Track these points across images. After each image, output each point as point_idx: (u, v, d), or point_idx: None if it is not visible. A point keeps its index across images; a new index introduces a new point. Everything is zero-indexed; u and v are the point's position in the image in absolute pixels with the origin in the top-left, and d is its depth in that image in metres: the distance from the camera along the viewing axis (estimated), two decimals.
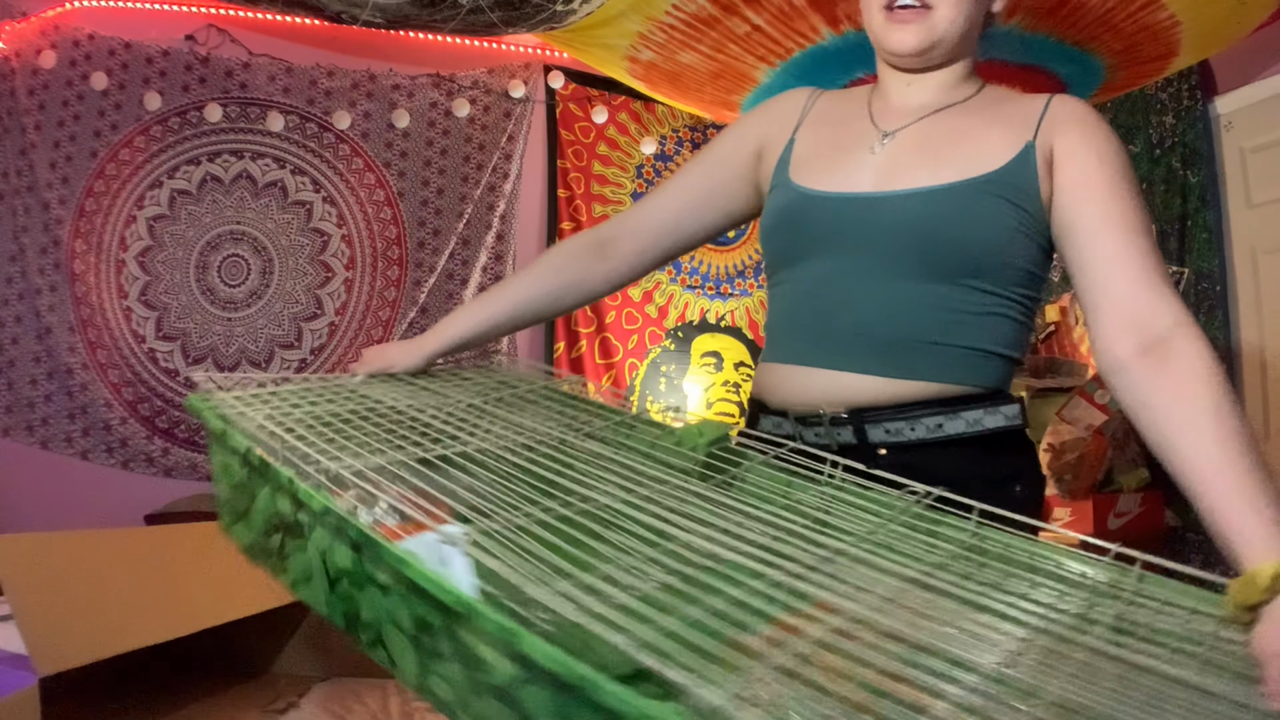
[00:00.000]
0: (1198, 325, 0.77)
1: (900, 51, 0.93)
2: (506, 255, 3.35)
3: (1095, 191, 0.84)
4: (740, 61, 2.60)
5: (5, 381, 2.83)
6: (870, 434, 0.86)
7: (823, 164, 0.96)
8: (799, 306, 0.94)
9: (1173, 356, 0.75)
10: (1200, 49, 2.55)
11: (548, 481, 0.70)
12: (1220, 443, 0.69)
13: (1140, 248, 0.81)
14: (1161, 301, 0.78)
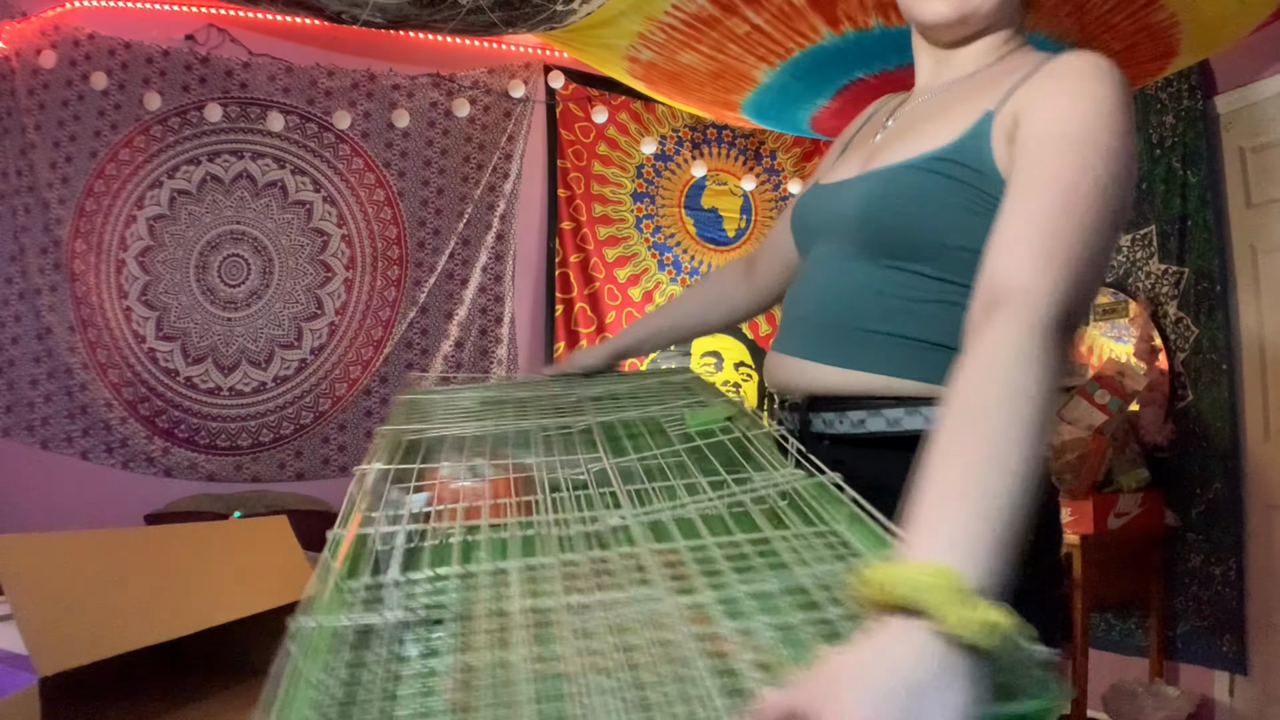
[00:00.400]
0: (1045, 295, 0.63)
1: (933, 22, 0.87)
2: (506, 255, 3.35)
3: (1031, 153, 0.74)
4: (740, 61, 2.60)
5: (5, 381, 2.83)
6: (813, 422, 0.87)
7: (844, 160, 0.97)
8: (787, 299, 0.97)
9: (981, 338, 0.62)
10: (1200, 49, 2.55)
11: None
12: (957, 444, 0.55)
13: (1038, 207, 0.69)
14: (1018, 265, 0.65)
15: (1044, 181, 0.70)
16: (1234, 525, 2.80)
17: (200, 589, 1.42)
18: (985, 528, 0.50)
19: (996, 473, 0.52)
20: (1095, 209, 0.69)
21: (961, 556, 0.48)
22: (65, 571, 1.19)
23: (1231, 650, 2.78)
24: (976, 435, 0.55)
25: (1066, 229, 0.67)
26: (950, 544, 0.49)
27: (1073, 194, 0.69)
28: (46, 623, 1.09)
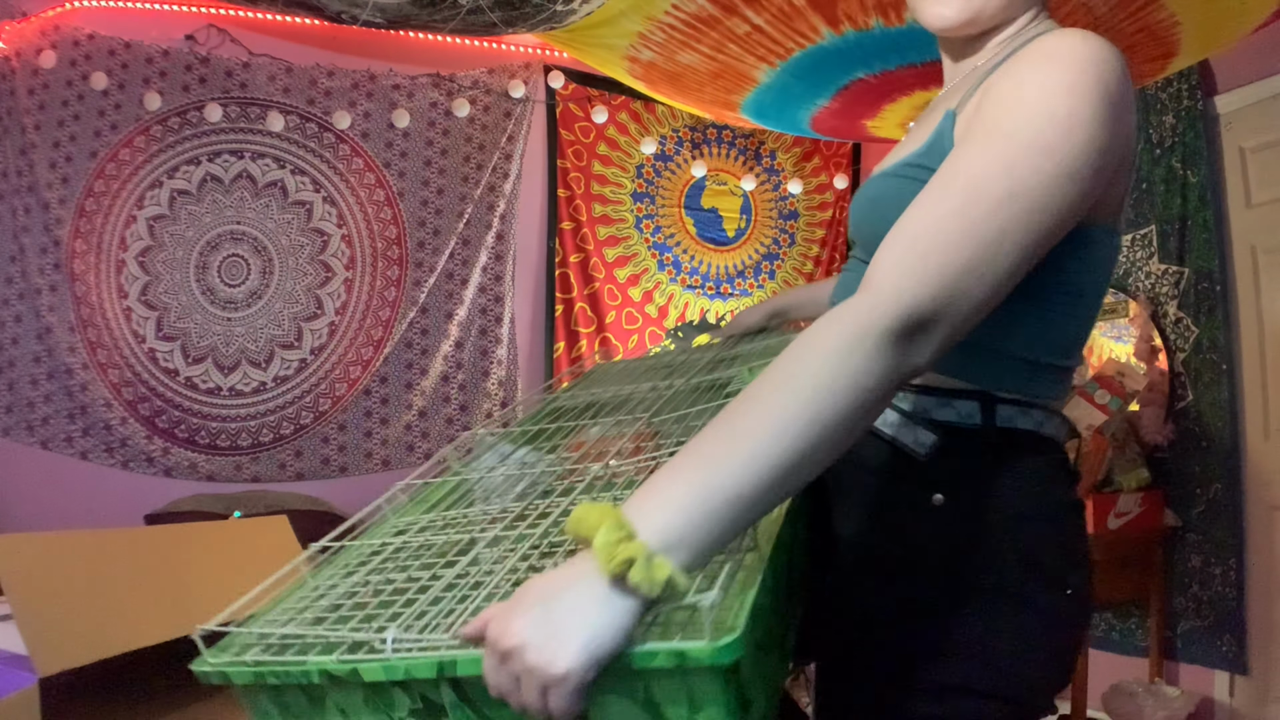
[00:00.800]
0: (886, 294, 0.61)
1: (938, 27, 0.84)
2: (506, 255, 3.35)
3: (957, 145, 0.70)
4: (740, 61, 2.60)
5: (5, 381, 2.83)
6: None
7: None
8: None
9: (822, 319, 0.62)
10: (1200, 49, 2.55)
11: None
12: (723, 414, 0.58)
13: (926, 203, 0.65)
14: (879, 263, 0.63)
15: (952, 176, 0.66)
16: (1234, 525, 2.80)
17: (200, 589, 1.42)
18: (696, 499, 0.53)
19: (738, 456, 0.54)
20: (1001, 213, 0.63)
21: (655, 512, 0.52)
22: (65, 571, 1.19)
23: (1231, 650, 2.78)
24: (744, 416, 0.56)
25: (954, 230, 0.63)
26: (651, 499, 0.53)
27: (976, 194, 0.64)
28: (46, 623, 1.09)
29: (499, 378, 3.30)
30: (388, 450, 3.15)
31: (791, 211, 3.83)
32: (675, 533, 0.52)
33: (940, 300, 0.61)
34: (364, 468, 3.12)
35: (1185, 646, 2.92)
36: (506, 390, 3.31)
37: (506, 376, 3.32)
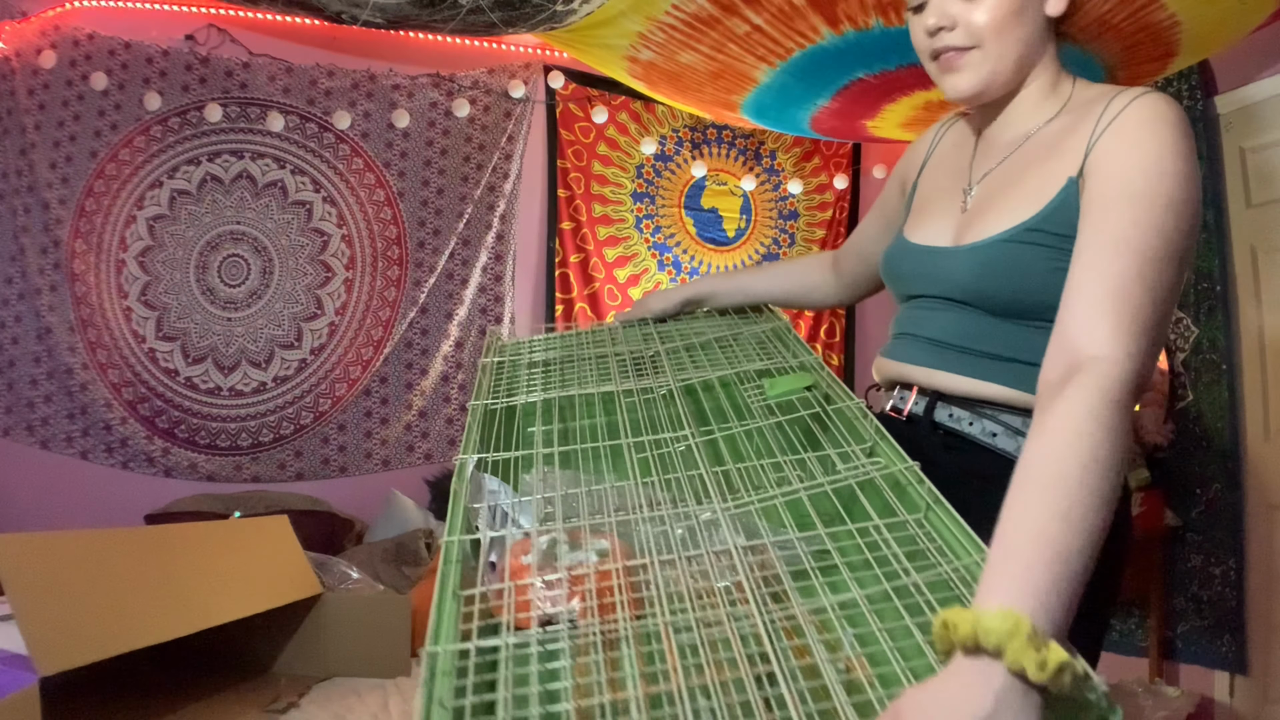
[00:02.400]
0: (1122, 362, 0.69)
1: (956, 98, 0.94)
2: (506, 255, 3.35)
3: (1097, 208, 0.78)
4: (740, 61, 2.60)
5: (5, 381, 2.83)
6: (938, 412, 0.94)
7: (925, 214, 1.04)
8: (904, 321, 1.03)
9: (1060, 400, 0.68)
10: (1200, 49, 2.55)
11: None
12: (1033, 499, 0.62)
13: (1109, 270, 0.73)
14: (1097, 331, 0.70)
15: (1116, 243, 0.74)
16: (1234, 525, 2.80)
17: (200, 589, 1.42)
18: (1053, 580, 0.56)
19: (1069, 532, 0.59)
20: (1168, 270, 0.75)
21: (1032, 604, 0.54)
22: (65, 571, 1.19)
23: (1231, 650, 2.78)
24: (1052, 497, 0.60)
25: (1139, 293, 0.72)
26: (1021, 593, 0.55)
27: (1145, 256, 0.74)
28: (47, 623, 1.09)
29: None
30: (387, 450, 3.15)
31: (791, 211, 3.83)
32: (1056, 625, 0.55)
33: (1151, 358, 0.72)
34: (364, 468, 3.12)
35: (1185, 646, 2.92)
36: None
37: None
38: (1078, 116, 0.90)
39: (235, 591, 1.49)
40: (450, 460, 3.20)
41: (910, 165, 1.15)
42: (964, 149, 1.05)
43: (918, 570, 0.64)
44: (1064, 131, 0.90)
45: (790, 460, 0.81)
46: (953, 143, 1.09)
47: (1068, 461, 0.62)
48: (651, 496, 0.78)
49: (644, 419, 0.91)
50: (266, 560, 1.64)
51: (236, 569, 1.55)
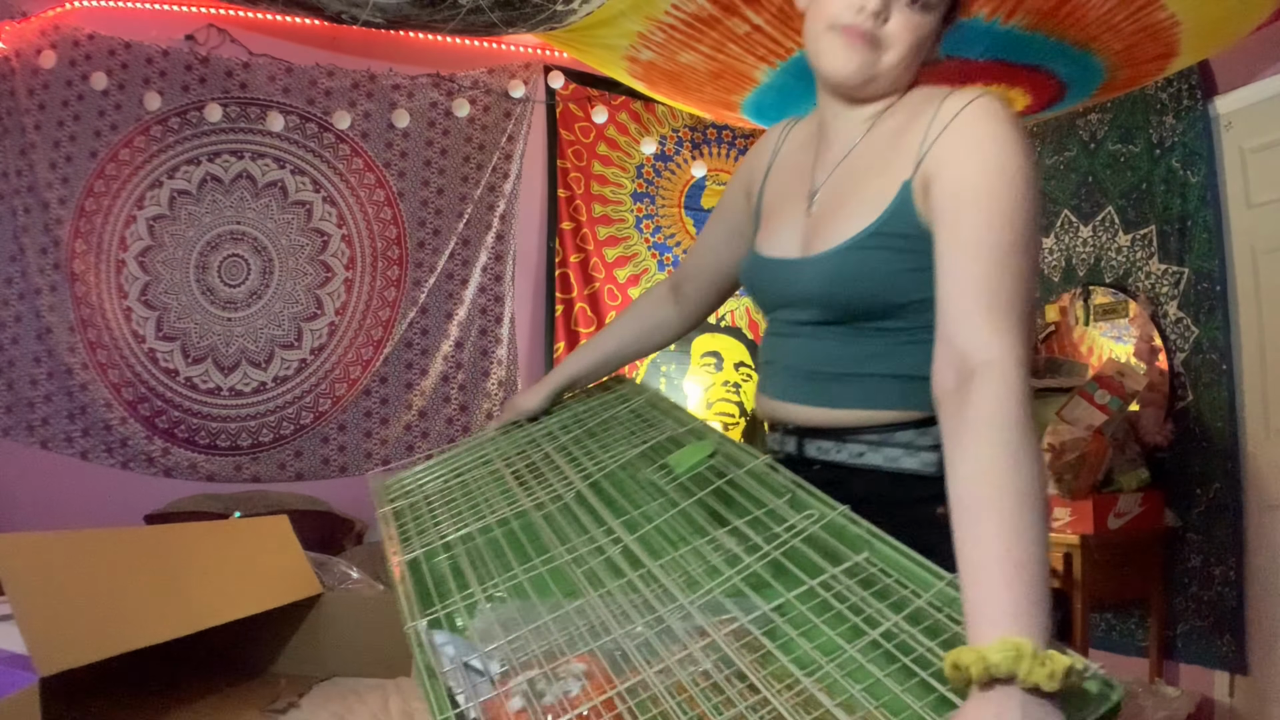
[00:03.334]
0: (1012, 360, 0.73)
1: (838, 80, 0.94)
2: (506, 255, 3.35)
3: (949, 213, 0.82)
4: (740, 61, 2.60)
5: (5, 381, 2.83)
6: (807, 448, 0.98)
7: (773, 223, 1.05)
8: (766, 351, 1.06)
9: (969, 411, 0.71)
10: (1200, 49, 2.55)
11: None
12: (988, 520, 0.65)
13: (976, 271, 0.77)
14: (979, 335, 0.74)
15: (977, 246, 0.78)
16: (1234, 525, 2.80)
17: (200, 589, 1.42)
18: (1027, 593, 0.62)
19: (1025, 544, 0.63)
20: (1024, 261, 0.78)
21: (1022, 624, 0.60)
22: (65, 571, 1.19)
23: (1231, 650, 2.78)
24: (1001, 515, 0.65)
25: (1008, 290, 0.76)
26: (1009, 617, 0.60)
27: (1004, 253, 0.77)
28: (47, 623, 1.09)
29: (499, 378, 3.30)
30: (387, 450, 3.15)
31: None
32: (1045, 632, 0.61)
33: (1025, 345, 0.75)
34: (364, 468, 3.12)
35: (1185, 646, 2.92)
36: (506, 390, 3.31)
37: (506, 376, 3.32)
38: (909, 116, 0.92)
39: (235, 591, 1.49)
40: None
41: (754, 171, 1.13)
42: (807, 150, 1.05)
43: (892, 609, 0.66)
44: (897, 132, 0.93)
45: (725, 533, 0.81)
46: (797, 144, 1.09)
47: (1001, 476, 0.67)
48: (611, 606, 0.76)
49: (569, 527, 0.90)
50: (266, 560, 1.65)
51: (236, 569, 1.55)
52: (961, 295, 0.77)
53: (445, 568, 0.93)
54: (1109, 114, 3.27)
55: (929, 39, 0.93)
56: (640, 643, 0.71)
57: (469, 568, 0.89)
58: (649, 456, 1.01)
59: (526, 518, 0.95)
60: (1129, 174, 3.19)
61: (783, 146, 1.11)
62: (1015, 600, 0.61)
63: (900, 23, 0.90)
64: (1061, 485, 2.80)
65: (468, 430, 3.25)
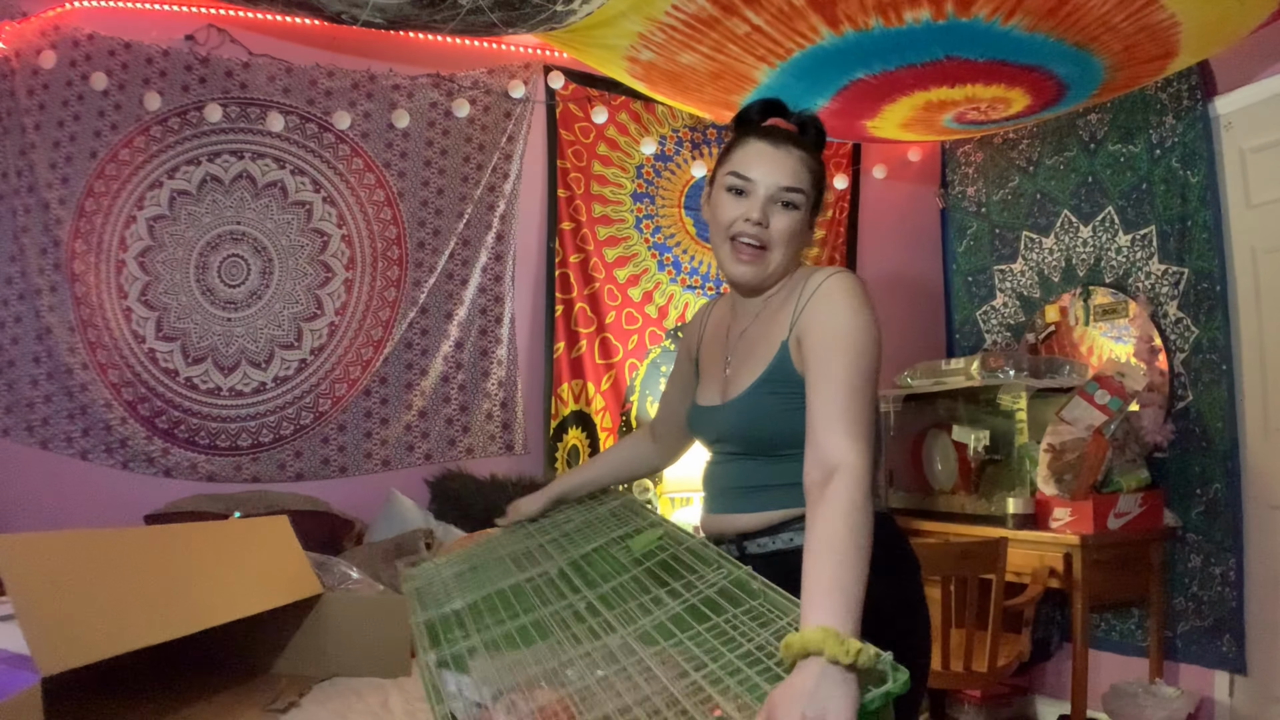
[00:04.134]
0: (861, 463, 1.00)
1: (738, 283, 1.26)
2: (506, 255, 3.36)
3: (814, 359, 1.12)
4: (740, 61, 2.60)
5: (5, 381, 2.83)
6: (748, 548, 1.26)
7: (705, 379, 1.38)
8: (705, 478, 1.36)
9: (827, 495, 0.98)
10: (1200, 49, 2.56)
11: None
12: (824, 561, 0.91)
13: (834, 399, 1.06)
14: (834, 447, 1.02)
15: (835, 381, 1.08)
16: (1234, 525, 2.80)
17: (200, 589, 1.42)
18: (845, 605, 0.87)
19: (846, 573, 0.90)
20: (866, 387, 1.09)
21: (835, 618, 0.85)
22: (66, 571, 1.19)
23: (1231, 650, 2.78)
24: (834, 555, 0.92)
25: (857, 409, 1.06)
26: (826, 614, 0.86)
27: (853, 385, 1.08)
28: (48, 623, 1.09)
29: (499, 378, 3.30)
30: (388, 450, 3.15)
31: None
32: (853, 628, 0.86)
33: (871, 448, 1.04)
34: (364, 468, 3.12)
35: (1185, 646, 2.92)
36: (506, 390, 3.31)
37: (506, 376, 3.32)
38: (789, 292, 1.25)
39: (235, 591, 1.49)
40: (450, 460, 3.20)
41: (690, 340, 1.49)
42: (723, 325, 1.38)
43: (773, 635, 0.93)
44: (780, 305, 1.25)
45: (665, 591, 1.10)
46: (718, 318, 1.42)
47: (840, 533, 0.94)
48: (575, 646, 1.04)
49: (550, 591, 1.20)
50: (266, 560, 1.65)
51: (236, 569, 1.55)
52: (825, 415, 1.06)
53: (453, 622, 1.20)
54: (1109, 114, 3.27)
55: (804, 230, 1.26)
56: (595, 671, 0.98)
57: (471, 621, 1.16)
58: (617, 542, 1.30)
59: (520, 588, 1.24)
60: (1129, 174, 3.19)
61: (708, 321, 1.45)
62: (833, 606, 0.87)
63: (779, 223, 1.22)
64: (1061, 485, 2.81)
65: (468, 430, 3.25)
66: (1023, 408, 3.00)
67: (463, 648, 1.11)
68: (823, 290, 1.17)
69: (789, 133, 1.27)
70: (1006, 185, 3.72)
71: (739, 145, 1.26)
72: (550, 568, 1.27)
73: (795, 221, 1.23)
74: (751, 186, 1.22)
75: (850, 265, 3.89)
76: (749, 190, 1.23)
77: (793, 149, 1.24)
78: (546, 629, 1.10)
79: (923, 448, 3.43)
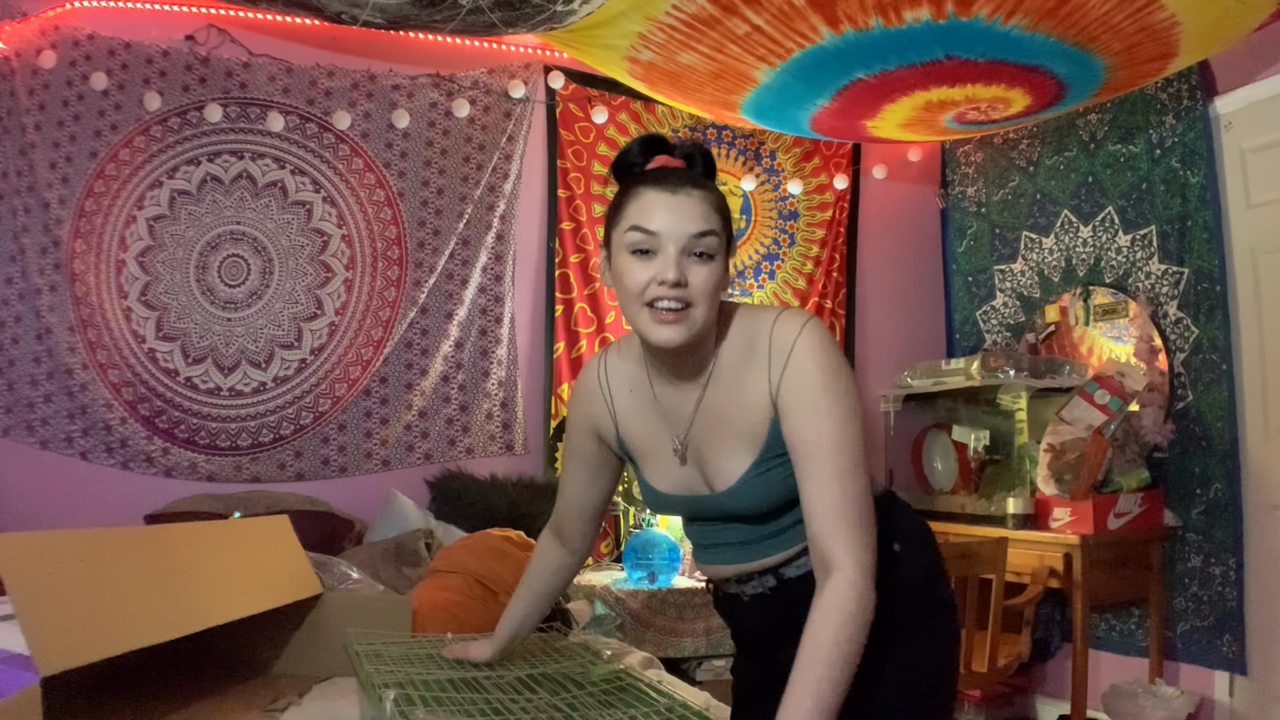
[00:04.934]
0: (857, 569, 1.00)
1: (666, 346, 1.09)
2: (506, 255, 3.36)
3: (804, 446, 1.06)
4: (740, 61, 2.60)
5: (5, 381, 2.83)
6: (785, 573, 1.21)
7: (655, 467, 1.25)
8: (695, 536, 1.29)
9: (822, 602, 0.99)
10: (1200, 49, 2.56)
11: None
12: (808, 673, 0.94)
13: (828, 496, 1.03)
14: (837, 548, 1.01)
15: (825, 469, 1.04)
16: (1234, 525, 2.80)
17: (200, 589, 1.42)
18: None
19: (826, 688, 0.93)
20: (861, 476, 1.05)
21: None
22: (66, 571, 1.19)
23: (1231, 650, 2.78)
24: (817, 670, 0.94)
25: (853, 507, 1.03)
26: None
27: (847, 477, 1.04)
28: (48, 622, 1.09)
29: (499, 378, 3.30)
30: (387, 450, 3.15)
31: (791, 212, 3.83)
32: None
33: (869, 546, 1.03)
34: (364, 468, 3.12)
35: (1185, 646, 2.92)
36: (506, 390, 3.31)
37: (506, 376, 3.32)
38: (745, 350, 1.14)
39: (235, 591, 1.49)
40: (450, 460, 3.20)
41: (595, 419, 1.29)
42: (647, 391, 1.23)
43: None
44: (740, 367, 1.14)
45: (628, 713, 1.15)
46: (628, 388, 1.25)
47: (825, 645, 0.95)
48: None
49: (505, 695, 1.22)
50: (266, 560, 1.64)
51: (236, 569, 1.55)
52: (822, 518, 1.03)
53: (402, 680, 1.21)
54: (1109, 114, 3.27)
55: (723, 279, 1.11)
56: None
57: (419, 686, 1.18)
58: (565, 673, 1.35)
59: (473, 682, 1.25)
60: (1129, 174, 3.19)
61: (614, 392, 1.27)
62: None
63: (697, 278, 1.07)
64: (1061, 485, 2.81)
65: (468, 430, 3.25)
66: (1023, 408, 3.00)
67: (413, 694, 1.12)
68: (800, 354, 1.08)
69: (680, 171, 1.12)
70: (1006, 185, 3.72)
71: (630, 198, 1.09)
72: (504, 680, 1.28)
73: (714, 271, 1.08)
74: (658, 242, 1.06)
75: (850, 265, 3.89)
76: (655, 247, 1.07)
77: (691, 189, 1.08)
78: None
79: (923, 448, 3.43)
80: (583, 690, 1.21)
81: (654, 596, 2.79)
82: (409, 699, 1.07)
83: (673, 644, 2.78)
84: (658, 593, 2.80)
